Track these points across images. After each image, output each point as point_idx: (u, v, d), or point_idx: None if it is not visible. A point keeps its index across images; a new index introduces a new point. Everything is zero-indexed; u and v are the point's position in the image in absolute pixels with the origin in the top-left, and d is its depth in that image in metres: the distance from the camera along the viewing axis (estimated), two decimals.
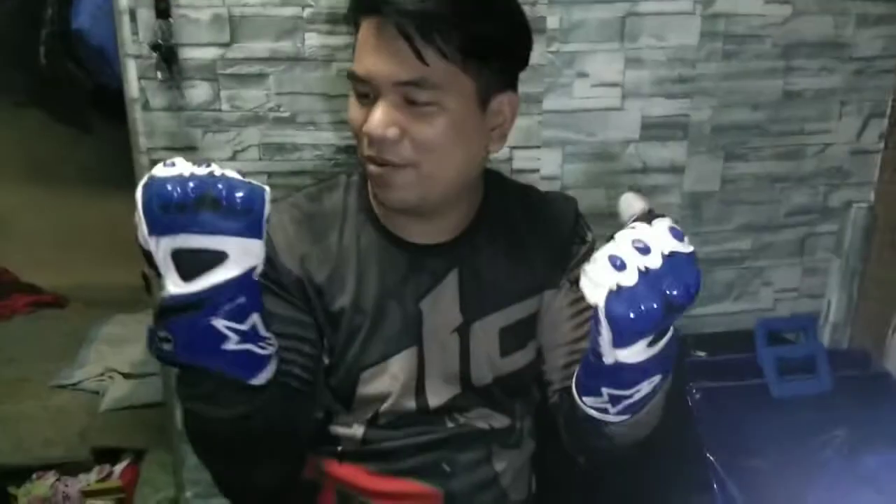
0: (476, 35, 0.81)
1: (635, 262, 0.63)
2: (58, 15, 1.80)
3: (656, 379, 0.72)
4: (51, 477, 1.97)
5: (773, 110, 1.71)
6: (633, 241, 0.64)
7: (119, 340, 2.51)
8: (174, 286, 0.68)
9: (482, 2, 0.82)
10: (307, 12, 1.45)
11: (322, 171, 1.54)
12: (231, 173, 0.68)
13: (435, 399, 0.97)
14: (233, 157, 1.53)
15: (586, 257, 0.99)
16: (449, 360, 0.97)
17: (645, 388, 0.72)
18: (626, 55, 1.60)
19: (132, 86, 1.44)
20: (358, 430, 0.98)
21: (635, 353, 0.67)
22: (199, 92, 1.47)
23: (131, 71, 1.43)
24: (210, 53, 1.45)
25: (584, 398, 0.75)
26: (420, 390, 0.97)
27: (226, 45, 1.45)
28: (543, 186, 1.16)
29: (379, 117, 0.80)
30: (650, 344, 0.68)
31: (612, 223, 1.73)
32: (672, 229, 0.65)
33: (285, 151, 1.54)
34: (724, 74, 1.66)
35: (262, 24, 1.45)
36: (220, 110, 1.49)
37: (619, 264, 0.63)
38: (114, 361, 2.35)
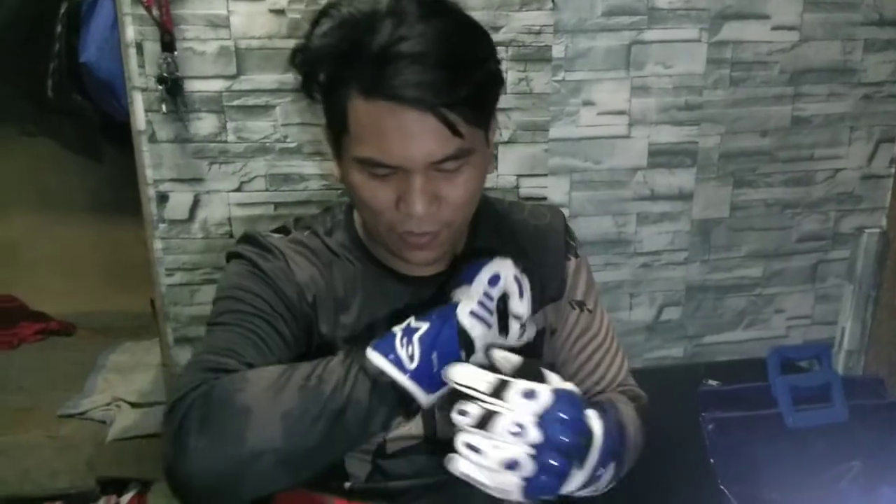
0: (484, 89, 0.80)
1: (521, 450, 0.65)
2: (65, 48, 1.81)
3: (611, 466, 0.74)
4: None
5: (782, 136, 1.71)
6: (509, 430, 0.66)
7: (127, 369, 2.50)
8: None
9: (485, 67, 0.80)
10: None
11: (329, 201, 1.54)
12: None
13: (445, 428, 0.96)
14: (239, 188, 1.53)
15: (578, 271, 0.99)
16: None
17: (607, 475, 0.74)
18: (633, 83, 1.60)
19: (139, 118, 1.45)
20: (366, 464, 0.97)
21: (574, 482, 0.70)
22: (205, 124, 1.47)
23: (138, 103, 1.44)
24: (216, 86, 1.46)
25: None
26: (429, 418, 0.95)
27: (232, 78, 1.46)
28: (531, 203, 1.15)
29: (421, 199, 0.77)
30: (580, 467, 0.70)
31: (621, 251, 1.74)
32: (525, 393, 0.67)
33: (292, 182, 1.54)
34: (731, 101, 1.66)
35: (269, 56, 1.46)
36: (226, 142, 1.50)
37: (511, 465, 0.65)
38: (121, 390, 2.34)
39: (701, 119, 1.65)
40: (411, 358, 0.72)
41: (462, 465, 0.68)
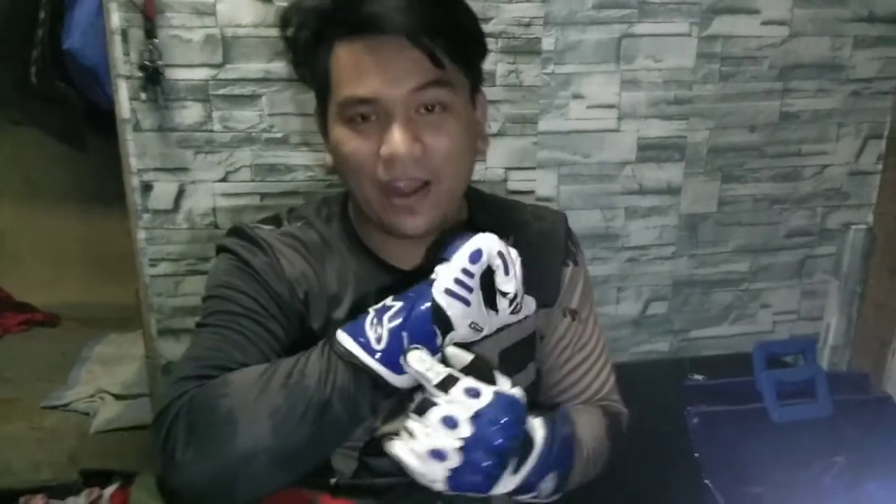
0: (466, 31, 0.83)
1: (450, 443, 0.67)
2: (49, 34, 1.79)
3: (551, 477, 0.75)
4: (39, 500, 1.94)
5: (771, 132, 1.71)
6: (441, 421, 0.67)
7: (112, 360, 2.48)
8: None
9: (458, 4, 0.83)
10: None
11: (315, 192, 1.53)
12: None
13: None
14: (224, 178, 1.51)
15: (575, 278, 0.98)
16: None
17: (547, 485, 0.75)
18: (622, 77, 1.60)
19: (123, 106, 1.43)
20: (352, 460, 0.96)
21: (505, 485, 0.71)
22: (190, 113, 1.46)
23: (122, 91, 1.42)
24: (202, 74, 1.44)
25: None
26: None
27: (218, 66, 1.44)
28: (534, 203, 1.15)
29: (399, 136, 0.77)
30: (515, 472, 0.71)
31: (608, 245, 1.73)
32: (467, 390, 0.69)
33: (278, 172, 1.53)
34: (720, 96, 1.65)
35: (255, 45, 1.44)
36: (212, 131, 1.48)
37: (437, 454, 0.67)
38: (105, 382, 2.32)
39: (690, 113, 1.65)
40: (378, 339, 0.71)
41: (396, 446, 0.69)
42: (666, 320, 1.81)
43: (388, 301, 0.74)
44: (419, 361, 0.70)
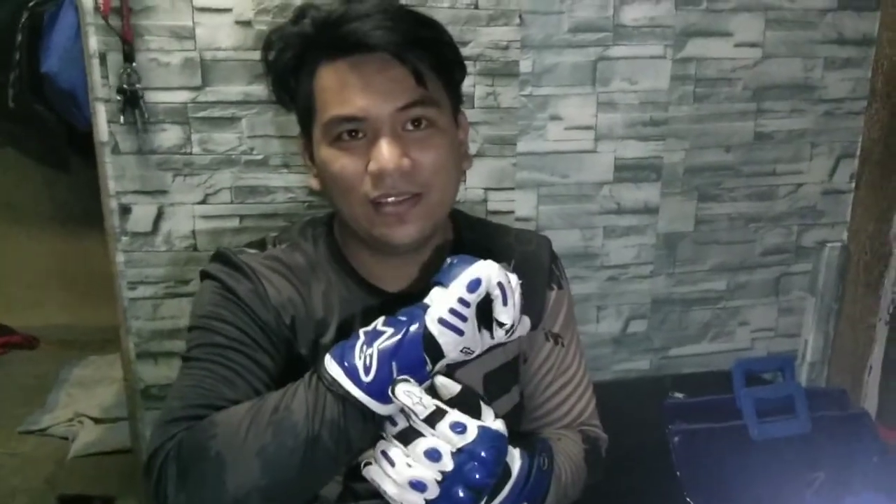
0: (447, 50, 0.84)
1: (431, 475, 0.67)
2: (26, 58, 1.78)
3: None
4: None
5: (746, 152, 1.73)
6: (425, 453, 0.68)
7: (91, 383, 2.46)
8: None
9: (437, 25, 0.85)
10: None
11: (295, 214, 1.53)
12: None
13: None
14: (204, 201, 1.51)
15: (559, 302, 0.98)
16: None
17: None
18: (599, 98, 1.62)
19: (102, 129, 1.43)
20: (336, 485, 0.95)
21: None
22: (169, 135, 1.46)
23: (101, 114, 1.42)
24: (181, 97, 1.44)
25: None
26: None
27: (197, 89, 1.45)
28: (518, 227, 1.16)
29: (388, 151, 0.78)
30: (489, 501, 0.72)
31: (588, 264, 1.74)
32: (453, 425, 0.68)
33: (258, 194, 1.53)
34: (696, 117, 1.68)
35: (234, 67, 1.45)
36: (191, 153, 1.48)
37: (417, 485, 0.67)
38: (84, 406, 2.30)
39: (666, 134, 1.68)
40: (367, 369, 0.70)
41: (373, 471, 0.69)
42: (646, 338, 1.82)
43: (379, 325, 0.72)
44: (406, 395, 0.69)
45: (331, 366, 0.71)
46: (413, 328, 0.70)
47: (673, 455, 1.53)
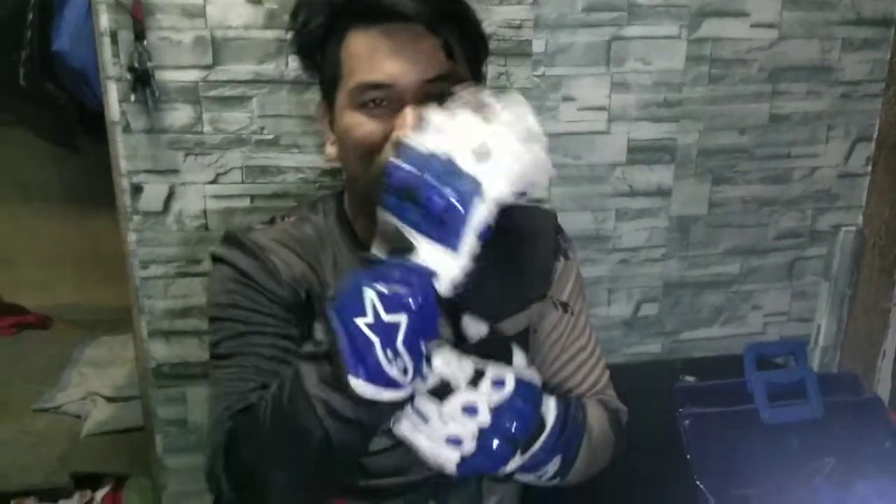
0: (475, 27, 0.84)
1: (468, 430, 0.67)
2: (37, 36, 1.78)
3: (557, 460, 0.76)
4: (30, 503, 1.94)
5: (760, 134, 1.71)
6: (462, 408, 0.67)
7: (103, 362, 2.47)
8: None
9: (467, 5, 0.85)
10: (290, 35, 1.44)
11: (305, 194, 1.53)
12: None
13: None
14: (215, 180, 1.51)
15: (566, 273, 0.98)
16: None
17: (551, 469, 0.76)
18: (613, 79, 1.60)
19: (113, 108, 1.43)
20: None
21: (511, 465, 0.71)
22: (180, 114, 1.45)
23: (112, 93, 1.42)
24: (192, 76, 1.44)
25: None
26: None
27: (208, 68, 1.44)
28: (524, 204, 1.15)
29: (412, 117, 0.77)
30: (523, 452, 0.72)
31: (599, 246, 1.73)
32: (495, 383, 0.69)
33: (269, 174, 1.53)
34: (710, 98, 1.66)
35: (245, 46, 1.44)
36: (202, 133, 1.48)
37: (455, 441, 0.68)
38: (96, 384, 2.32)
39: (680, 116, 1.66)
40: (405, 370, 0.65)
41: (405, 427, 0.68)
42: (657, 322, 1.81)
43: (384, 316, 0.64)
44: (445, 365, 0.69)
45: (366, 390, 0.65)
46: (418, 292, 0.64)
47: (684, 438, 1.53)
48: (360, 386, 0.64)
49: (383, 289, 0.64)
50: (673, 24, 1.59)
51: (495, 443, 0.67)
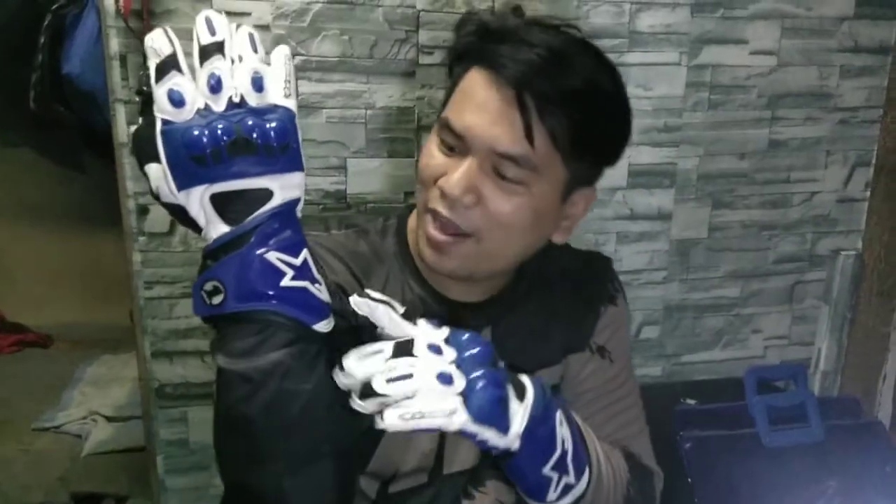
0: (588, 125, 0.76)
1: (446, 365, 0.63)
2: (48, 59, 1.81)
3: (562, 483, 0.72)
4: None
5: (760, 159, 1.73)
6: (428, 347, 0.64)
7: (104, 382, 2.48)
8: (217, 231, 0.62)
9: (599, 90, 0.77)
10: (297, 60, 1.46)
11: (310, 216, 1.54)
12: (253, 98, 0.61)
13: (451, 465, 0.90)
14: None
15: (611, 319, 0.93)
16: None
17: (556, 493, 0.72)
18: None
19: (121, 130, 1.44)
20: (371, 490, 0.93)
21: (518, 415, 0.67)
22: None
23: (121, 116, 1.43)
24: None
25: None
26: (439, 458, 0.89)
27: None
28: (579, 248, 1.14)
29: (459, 178, 0.74)
30: (521, 399, 0.68)
31: None
32: (430, 344, 0.65)
33: None
34: (710, 124, 1.68)
35: None
36: None
37: (445, 378, 0.63)
38: (98, 404, 2.32)
39: (680, 141, 1.68)
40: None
41: (391, 415, 0.61)
42: (658, 344, 1.82)
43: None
44: (392, 325, 0.66)
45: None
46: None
47: (684, 461, 1.53)
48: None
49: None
50: (673, 51, 1.62)
51: (475, 369, 0.63)
